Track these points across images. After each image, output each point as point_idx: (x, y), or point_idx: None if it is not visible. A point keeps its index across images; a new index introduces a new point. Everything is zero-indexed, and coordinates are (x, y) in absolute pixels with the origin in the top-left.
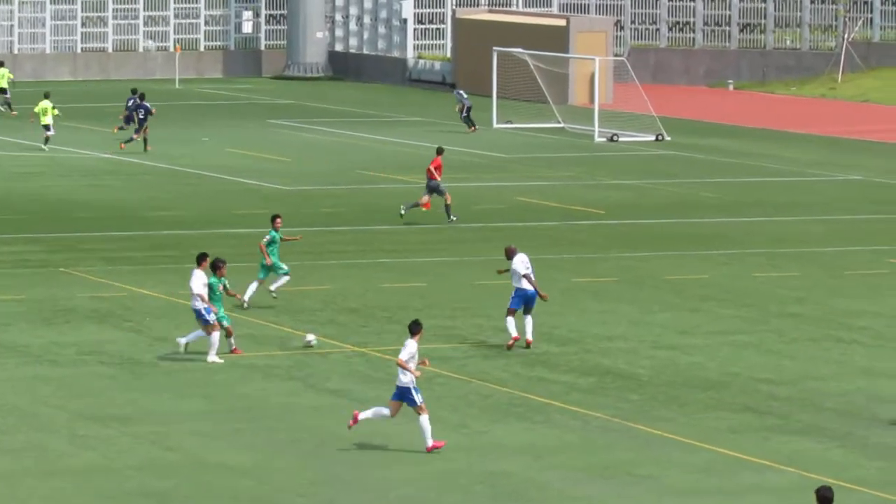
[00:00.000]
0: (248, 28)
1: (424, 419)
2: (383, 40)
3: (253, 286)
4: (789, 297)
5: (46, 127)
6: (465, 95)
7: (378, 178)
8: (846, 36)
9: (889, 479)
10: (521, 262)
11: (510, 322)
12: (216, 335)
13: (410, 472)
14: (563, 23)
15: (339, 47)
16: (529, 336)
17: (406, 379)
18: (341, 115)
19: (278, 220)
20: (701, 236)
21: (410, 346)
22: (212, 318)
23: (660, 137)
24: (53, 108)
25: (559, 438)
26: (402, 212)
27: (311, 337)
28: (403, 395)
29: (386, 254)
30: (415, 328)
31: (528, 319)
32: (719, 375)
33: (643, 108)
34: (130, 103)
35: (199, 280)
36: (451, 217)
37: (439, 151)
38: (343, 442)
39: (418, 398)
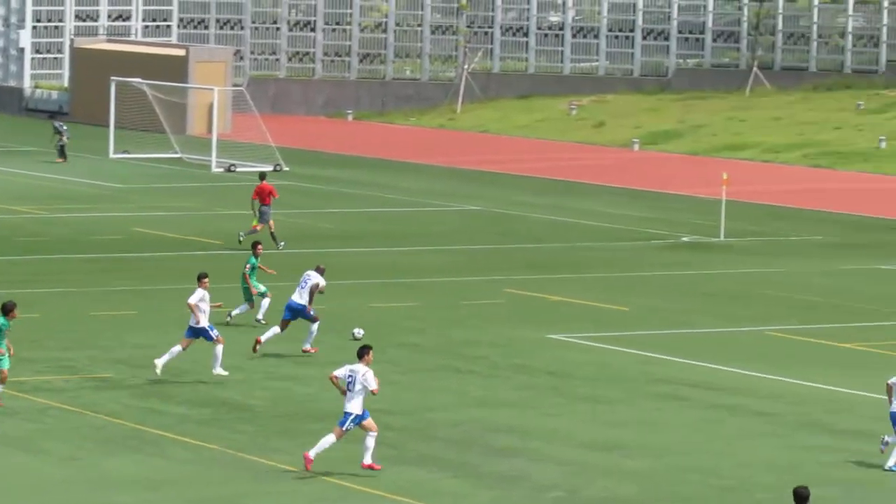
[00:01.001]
0: None
1: (329, 437)
2: None
3: (242, 308)
4: (407, 327)
5: None
6: (66, 127)
7: None
8: (466, 66)
9: None
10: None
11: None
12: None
13: None
14: (182, 52)
15: None
16: (306, 345)
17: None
18: None
19: (259, 246)
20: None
21: (370, 373)
22: (215, 333)
23: (278, 167)
24: None
25: (173, 470)
26: (281, 245)
27: (358, 331)
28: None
29: None
30: (362, 352)
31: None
32: (334, 406)
33: (262, 139)
34: None
35: (197, 296)
36: (240, 237)
37: (262, 177)
38: None
39: (349, 423)
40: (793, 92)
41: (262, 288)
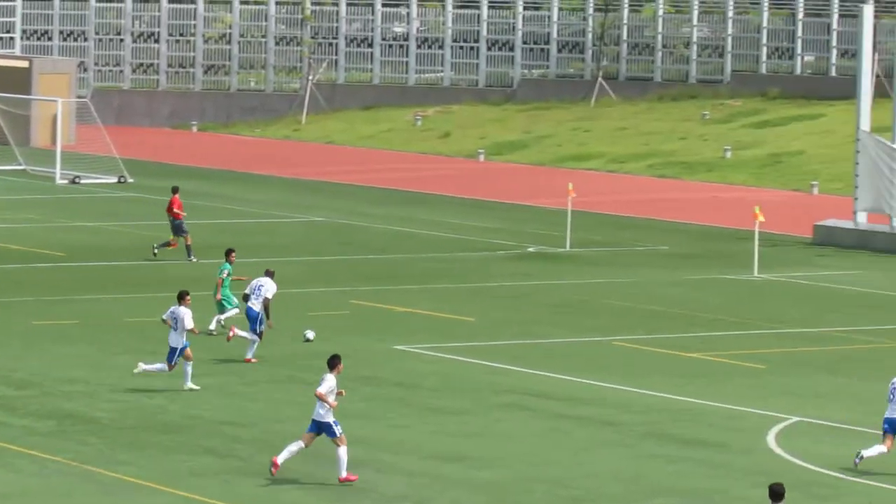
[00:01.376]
0: None
1: (343, 450)
2: None
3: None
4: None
5: None
6: None
7: None
8: (311, 77)
9: None
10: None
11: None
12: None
13: None
14: (25, 64)
15: None
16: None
17: (324, 411)
18: None
19: (233, 254)
20: (164, 279)
21: (330, 380)
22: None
23: (122, 179)
24: None
25: (17, 483)
26: (155, 251)
27: (310, 333)
28: (322, 427)
29: None
30: (333, 362)
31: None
32: (181, 418)
33: (106, 150)
34: None
35: (189, 316)
36: (192, 257)
37: (175, 191)
38: None
39: (338, 430)
40: (638, 102)
41: (235, 301)
